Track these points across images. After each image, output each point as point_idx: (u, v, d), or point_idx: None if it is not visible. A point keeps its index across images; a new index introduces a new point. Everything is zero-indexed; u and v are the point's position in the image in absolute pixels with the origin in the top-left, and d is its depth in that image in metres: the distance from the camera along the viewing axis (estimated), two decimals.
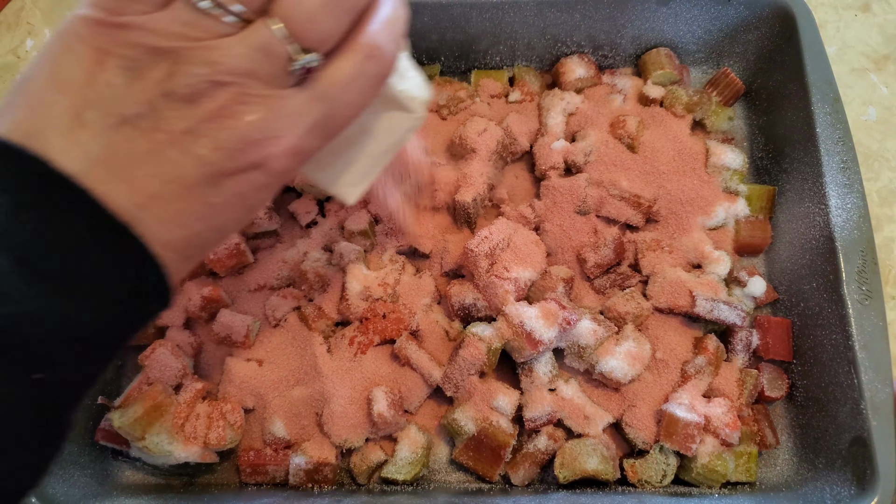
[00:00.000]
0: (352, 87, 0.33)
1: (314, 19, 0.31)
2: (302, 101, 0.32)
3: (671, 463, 0.52)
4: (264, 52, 0.30)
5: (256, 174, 0.32)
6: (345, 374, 0.54)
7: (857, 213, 0.54)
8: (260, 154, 0.32)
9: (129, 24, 0.30)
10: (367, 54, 0.33)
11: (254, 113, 0.31)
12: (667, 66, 0.64)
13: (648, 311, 0.56)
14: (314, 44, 0.32)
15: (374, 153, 0.43)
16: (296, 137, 0.32)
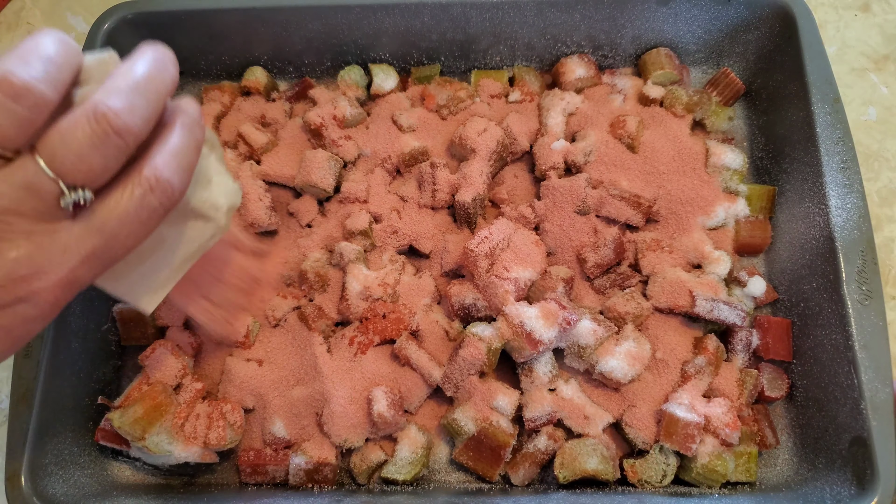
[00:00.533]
0: (131, 218, 0.33)
1: (82, 157, 0.31)
2: (76, 234, 0.32)
3: (671, 463, 0.52)
4: (29, 190, 0.30)
5: (23, 307, 0.32)
6: (345, 374, 0.54)
7: (857, 213, 0.54)
8: (25, 289, 0.31)
9: None
10: (150, 187, 0.33)
11: (18, 249, 0.31)
12: (667, 66, 0.64)
13: (648, 311, 0.56)
14: (83, 181, 0.31)
15: (173, 263, 0.42)
16: (66, 270, 0.32)
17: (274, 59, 0.68)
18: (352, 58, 0.67)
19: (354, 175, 0.61)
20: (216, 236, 0.44)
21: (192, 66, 0.69)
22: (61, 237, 0.32)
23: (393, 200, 0.60)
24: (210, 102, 0.66)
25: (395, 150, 0.61)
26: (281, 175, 0.61)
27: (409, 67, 0.68)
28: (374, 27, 0.64)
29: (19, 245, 0.31)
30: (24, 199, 0.30)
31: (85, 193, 0.31)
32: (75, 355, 0.54)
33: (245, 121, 0.65)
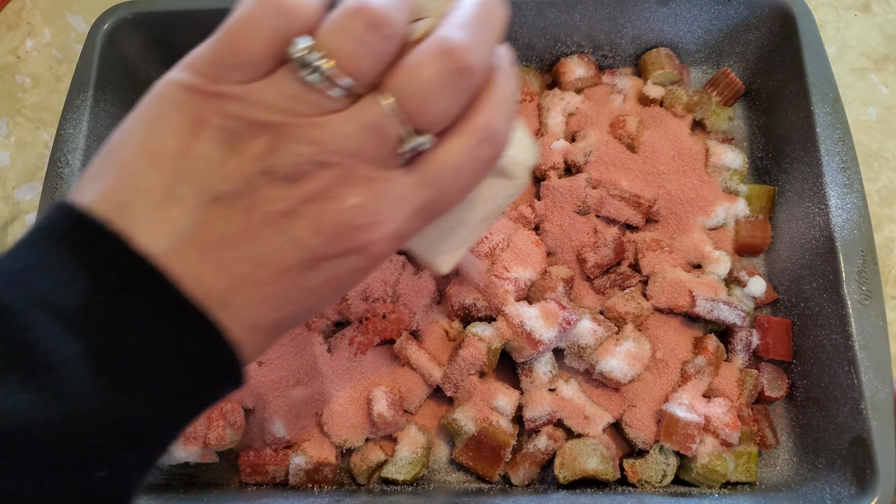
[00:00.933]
0: (462, 171, 0.31)
1: (430, 98, 0.28)
2: (409, 184, 0.30)
3: (671, 463, 0.52)
4: (374, 131, 0.28)
5: (354, 258, 0.30)
6: (345, 374, 0.54)
7: (857, 213, 0.54)
8: (362, 239, 0.29)
9: (228, 94, 0.27)
10: (482, 138, 0.30)
11: (358, 196, 0.28)
12: (667, 66, 0.64)
13: (648, 311, 0.56)
14: (427, 125, 0.29)
15: (473, 222, 0.40)
16: (399, 222, 0.30)
17: None
18: None
19: None
20: (514, 196, 0.41)
21: None
22: (396, 187, 0.29)
23: None
24: None
25: None
26: None
27: None
28: None
29: (359, 192, 0.28)
30: (367, 141, 0.28)
31: (426, 139, 0.29)
32: None
33: None
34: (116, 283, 0.26)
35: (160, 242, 0.27)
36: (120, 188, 0.27)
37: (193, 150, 0.27)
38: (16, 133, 0.72)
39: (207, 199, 0.27)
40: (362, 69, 0.28)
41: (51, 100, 0.73)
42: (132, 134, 0.29)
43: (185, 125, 0.28)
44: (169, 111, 0.28)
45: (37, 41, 0.77)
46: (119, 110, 0.64)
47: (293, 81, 0.27)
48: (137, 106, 0.29)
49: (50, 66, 0.75)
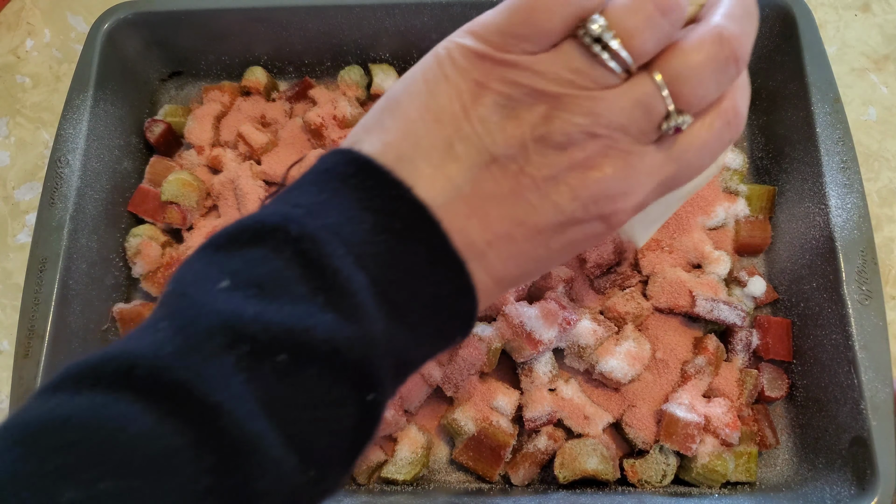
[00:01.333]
0: (705, 151, 0.32)
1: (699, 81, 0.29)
2: (658, 159, 0.31)
3: (671, 463, 0.52)
4: (643, 107, 0.29)
5: (598, 224, 0.31)
6: None
7: (857, 213, 0.54)
8: (610, 208, 0.31)
9: (514, 63, 0.29)
10: (727, 121, 0.32)
11: (615, 167, 0.30)
12: None
13: (648, 311, 0.56)
14: (690, 105, 0.30)
15: (671, 201, 0.42)
16: (643, 194, 0.31)
17: (274, 59, 0.68)
18: (352, 58, 0.67)
19: None
20: (711, 177, 0.42)
21: (192, 66, 0.69)
22: (648, 161, 0.31)
23: None
24: (210, 102, 0.66)
25: None
26: (281, 175, 0.61)
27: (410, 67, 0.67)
28: (374, 27, 0.64)
29: (617, 163, 0.30)
30: (635, 116, 0.29)
31: (686, 118, 0.30)
32: (75, 355, 0.54)
33: (245, 121, 0.65)
34: (397, 226, 0.28)
35: (437, 196, 0.29)
36: (402, 142, 0.30)
37: (473, 113, 0.29)
38: (16, 133, 0.72)
39: (483, 159, 0.29)
40: (646, 49, 0.29)
41: (51, 100, 0.73)
42: (415, 92, 0.31)
43: (469, 88, 0.29)
44: (453, 74, 0.30)
45: (37, 41, 0.77)
46: (119, 110, 0.64)
47: (580, 56, 0.29)
48: (419, 64, 0.31)
49: (50, 66, 0.75)
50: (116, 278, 0.60)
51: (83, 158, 0.58)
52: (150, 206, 0.60)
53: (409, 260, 0.29)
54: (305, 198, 0.29)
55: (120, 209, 0.63)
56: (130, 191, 0.64)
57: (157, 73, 0.69)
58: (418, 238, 0.29)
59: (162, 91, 0.70)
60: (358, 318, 0.27)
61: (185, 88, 0.70)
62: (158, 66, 0.69)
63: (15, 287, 0.65)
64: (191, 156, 0.64)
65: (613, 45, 0.28)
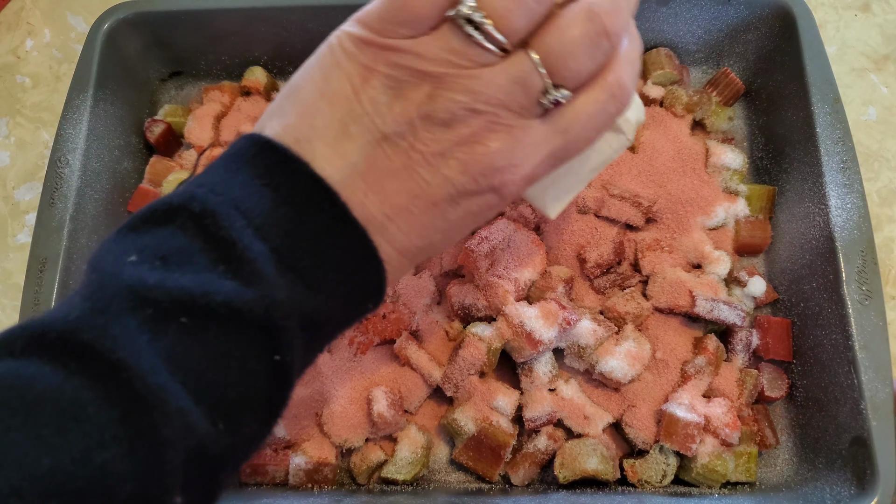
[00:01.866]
0: (591, 123, 0.34)
1: (573, 56, 0.31)
2: (544, 132, 0.33)
3: (671, 463, 0.52)
4: (521, 84, 0.31)
5: (491, 196, 0.34)
6: (345, 374, 0.54)
7: (857, 213, 0.54)
8: (499, 179, 0.33)
9: (396, 47, 0.31)
10: (611, 94, 0.33)
11: (500, 141, 0.32)
12: (667, 66, 0.64)
13: (648, 311, 0.56)
14: (567, 80, 0.32)
15: (582, 173, 0.43)
16: (532, 166, 0.34)
17: (274, 59, 0.68)
18: None
19: None
20: (621, 150, 0.44)
21: (192, 66, 0.69)
22: (533, 134, 0.33)
23: None
24: (210, 102, 0.66)
25: None
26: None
27: None
28: None
29: (501, 137, 0.32)
30: (513, 92, 0.31)
31: (564, 93, 0.32)
32: None
33: (245, 121, 0.65)
34: (297, 199, 0.31)
35: (334, 173, 0.31)
36: (300, 124, 0.32)
37: (364, 95, 0.32)
38: (16, 133, 0.72)
39: (375, 137, 0.32)
40: (517, 27, 0.31)
41: (51, 100, 0.73)
42: (310, 79, 0.33)
43: (358, 72, 0.32)
44: (343, 60, 0.32)
45: (37, 41, 0.77)
46: (119, 110, 0.64)
47: (456, 37, 0.31)
48: (315, 54, 0.34)
49: (50, 66, 0.75)
50: None
51: (83, 158, 0.58)
52: None
53: (311, 230, 0.31)
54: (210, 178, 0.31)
55: (120, 209, 0.63)
56: (130, 191, 0.64)
57: (157, 73, 0.69)
58: (319, 209, 0.31)
59: (162, 91, 0.70)
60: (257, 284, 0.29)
61: (185, 88, 0.70)
62: (158, 66, 0.69)
63: (15, 287, 0.65)
64: (191, 156, 0.64)
65: (485, 25, 0.30)
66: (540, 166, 0.34)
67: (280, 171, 0.31)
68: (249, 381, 0.30)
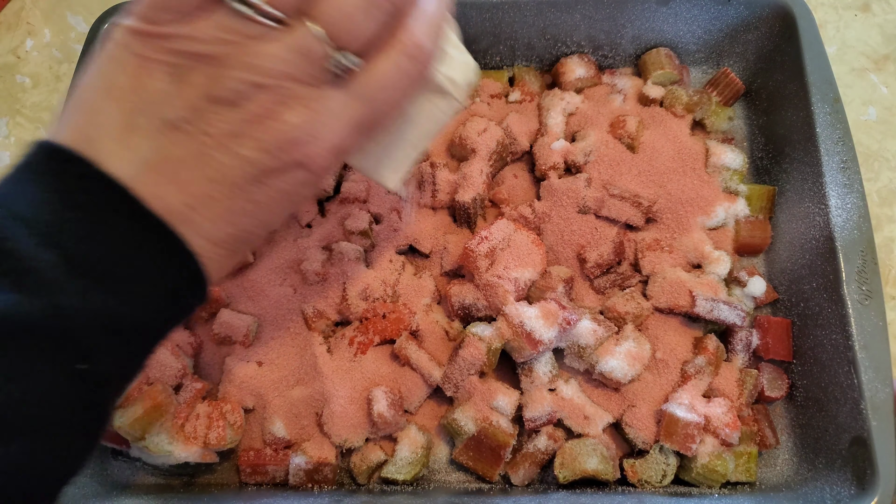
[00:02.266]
0: (392, 86, 0.34)
1: (351, 20, 0.31)
2: (343, 101, 0.33)
3: (671, 463, 0.52)
4: (302, 53, 0.31)
5: (299, 172, 0.33)
6: (345, 374, 0.54)
7: (857, 213, 0.54)
8: (302, 153, 0.32)
9: (171, 34, 0.30)
10: (409, 54, 0.33)
11: (294, 113, 0.32)
12: (667, 66, 0.64)
13: (648, 311, 0.56)
14: (352, 44, 0.32)
15: (413, 139, 0.42)
16: (336, 136, 0.33)
17: None
18: None
19: (354, 175, 0.61)
20: (452, 113, 0.43)
21: None
22: (331, 104, 0.32)
23: (393, 200, 0.60)
24: None
25: None
26: None
27: None
28: None
29: (296, 110, 0.32)
30: (298, 63, 0.31)
31: (352, 58, 0.32)
32: None
33: None
34: (86, 201, 0.30)
35: (125, 168, 0.30)
36: (86, 125, 0.31)
37: (145, 85, 0.31)
38: (16, 133, 0.72)
39: (162, 126, 0.31)
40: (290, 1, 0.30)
41: (51, 100, 0.73)
42: (92, 77, 0.32)
43: (136, 63, 0.31)
44: (121, 53, 0.31)
45: (37, 41, 0.77)
46: None
47: (227, 15, 0.30)
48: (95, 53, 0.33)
49: (50, 66, 0.75)
50: None
51: None
52: None
53: (105, 231, 0.30)
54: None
55: None
56: None
57: None
58: (112, 208, 0.30)
59: None
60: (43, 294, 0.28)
61: None
62: None
63: None
64: None
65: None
66: (346, 136, 0.33)
67: (67, 175, 0.30)
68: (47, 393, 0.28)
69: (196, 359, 0.57)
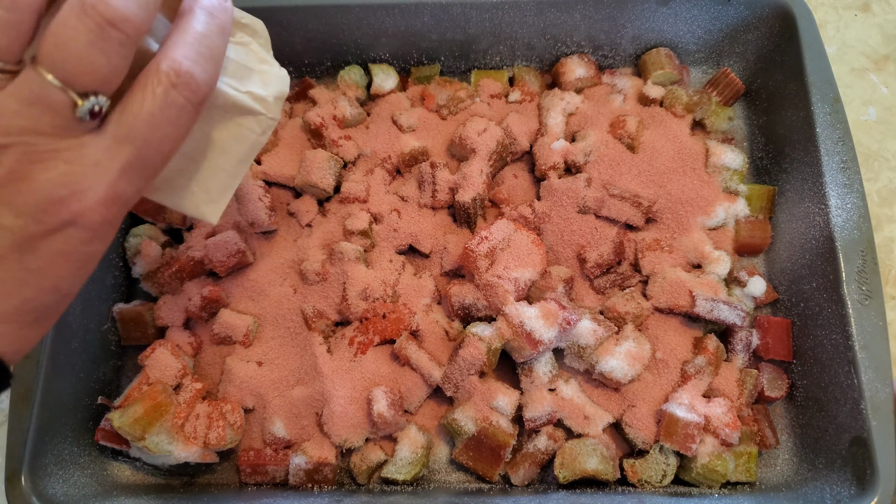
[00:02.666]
0: (159, 120, 0.30)
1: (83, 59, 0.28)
2: (104, 146, 0.30)
3: (671, 463, 0.52)
4: (40, 103, 0.28)
5: (72, 231, 0.30)
6: (345, 374, 0.54)
7: (857, 213, 0.54)
8: (69, 211, 0.29)
9: None
10: (171, 82, 0.30)
11: (49, 171, 0.29)
12: (667, 66, 0.64)
13: (648, 311, 0.56)
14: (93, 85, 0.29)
15: (229, 166, 0.40)
16: (105, 186, 0.30)
17: None
18: (352, 58, 0.67)
19: (354, 175, 0.61)
20: (268, 130, 0.40)
21: None
22: (90, 152, 0.30)
23: (393, 200, 0.60)
24: None
25: (395, 150, 0.61)
26: (281, 175, 0.61)
27: (409, 67, 0.68)
28: (374, 27, 0.64)
29: (49, 166, 0.29)
30: (38, 115, 0.28)
31: (99, 99, 0.29)
32: (75, 355, 0.54)
33: None
34: None
35: None
36: None
37: None
38: None
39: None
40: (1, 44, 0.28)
41: None
42: None
43: None
44: None
45: None
46: None
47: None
48: None
49: None
50: (116, 278, 0.60)
51: None
52: (150, 206, 0.60)
53: None
54: None
55: None
56: None
57: None
58: None
59: None
60: None
61: None
62: None
63: None
64: None
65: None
66: (118, 183, 0.30)
67: None
68: None
69: (196, 359, 0.57)
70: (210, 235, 0.59)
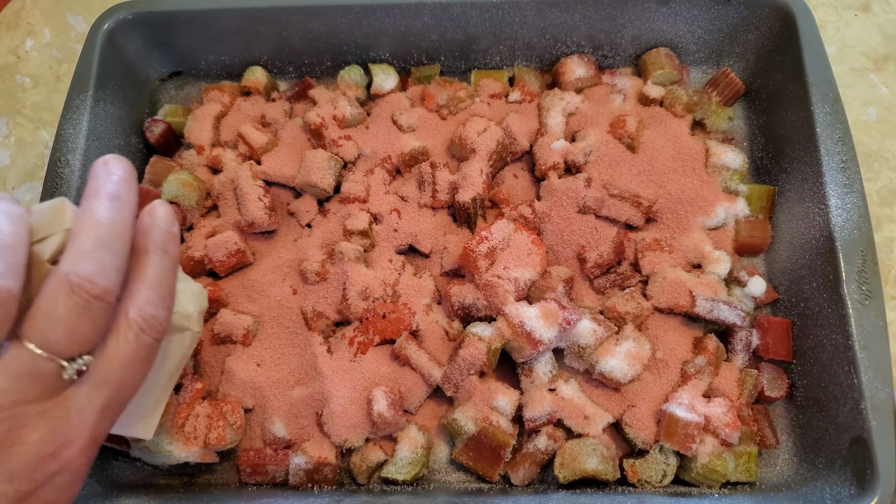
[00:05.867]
0: (133, 361, 0.33)
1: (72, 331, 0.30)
2: (86, 393, 0.32)
3: (671, 463, 0.52)
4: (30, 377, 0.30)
5: (60, 478, 0.32)
6: (345, 374, 0.54)
7: (857, 213, 0.54)
8: (58, 462, 0.31)
9: None
10: (141, 327, 0.33)
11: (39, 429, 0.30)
12: (667, 66, 0.64)
13: (648, 311, 0.56)
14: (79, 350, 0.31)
15: (162, 382, 0.43)
16: (88, 430, 0.32)
17: (274, 59, 0.68)
18: (352, 58, 0.67)
19: (354, 175, 0.61)
20: (193, 343, 0.44)
21: (192, 66, 0.69)
22: (74, 402, 0.32)
23: (393, 200, 0.60)
24: (210, 102, 0.66)
25: (395, 150, 0.61)
26: (281, 175, 0.61)
27: (409, 67, 0.68)
28: (374, 27, 0.64)
29: (37, 426, 0.31)
30: (27, 386, 0.30)
31: (84, 360, 0.32)
32: None
33: (245, 121, 0.65)
34: None
35: None
36: None
37: None
38: (16, 133, 0.72)
39: None
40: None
41: (51, 100, 0.73)
42: None
43: None
44: None
45: (37, 41, 0.77)
46: (119, 110, 0.64)
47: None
48: None
49: (50, 66, 0.75)
50: None
51: (83, 158, 0.58)
52: None
53: None
54: None
55: None
56: None
57: (157, 73, 0.69)
58: None
59: (162, 91, 0.70)
60: None
61: (185, 88, 0.70)
62: (158, 66, 0.69)
63: None
64: (191, 156, 0.64)
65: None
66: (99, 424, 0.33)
67: None
68: None
69: (196, 359, 0.57)
70: (210, 235, 0.59)
